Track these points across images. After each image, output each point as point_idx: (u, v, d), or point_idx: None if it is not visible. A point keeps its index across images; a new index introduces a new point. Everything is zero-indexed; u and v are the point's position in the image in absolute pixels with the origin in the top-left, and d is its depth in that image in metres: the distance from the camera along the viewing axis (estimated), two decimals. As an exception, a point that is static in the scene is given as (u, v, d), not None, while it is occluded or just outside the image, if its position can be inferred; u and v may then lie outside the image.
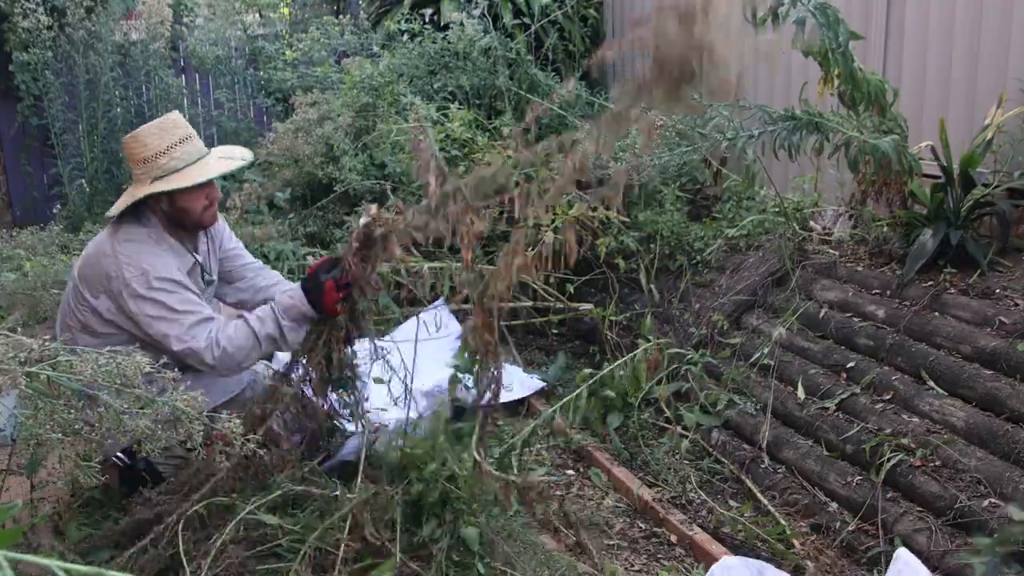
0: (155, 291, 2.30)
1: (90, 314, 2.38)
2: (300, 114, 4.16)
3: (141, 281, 2.30)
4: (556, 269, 2.29)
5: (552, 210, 3.57)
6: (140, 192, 2.37)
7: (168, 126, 2.41)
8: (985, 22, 3.21)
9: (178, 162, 2.39)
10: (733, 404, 2.85)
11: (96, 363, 1.53)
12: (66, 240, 4.11)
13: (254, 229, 3.67)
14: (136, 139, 2.39)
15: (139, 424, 1.56)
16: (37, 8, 4.78)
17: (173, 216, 2.44)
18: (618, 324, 3.43)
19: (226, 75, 5.79)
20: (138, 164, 2.39)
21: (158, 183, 2.36)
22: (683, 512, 2.49)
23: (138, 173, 2.40)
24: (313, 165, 3.93)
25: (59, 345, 1.60)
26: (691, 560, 2.31)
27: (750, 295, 3.26)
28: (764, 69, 4.22)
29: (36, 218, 4.90)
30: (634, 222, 3.69)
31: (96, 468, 1.69)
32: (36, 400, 1.51)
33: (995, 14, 3.17)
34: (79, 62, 5.04)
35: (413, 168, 3.73)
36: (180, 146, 2.40)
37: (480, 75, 4.35)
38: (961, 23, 3.30)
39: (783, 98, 3.98)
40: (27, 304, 3.32)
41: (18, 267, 3.65)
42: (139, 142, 2.38)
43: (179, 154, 2.39)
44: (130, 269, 2.31)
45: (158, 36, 5.33)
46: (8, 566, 0.56)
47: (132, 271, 2.31)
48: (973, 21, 3.25)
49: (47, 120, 5.09)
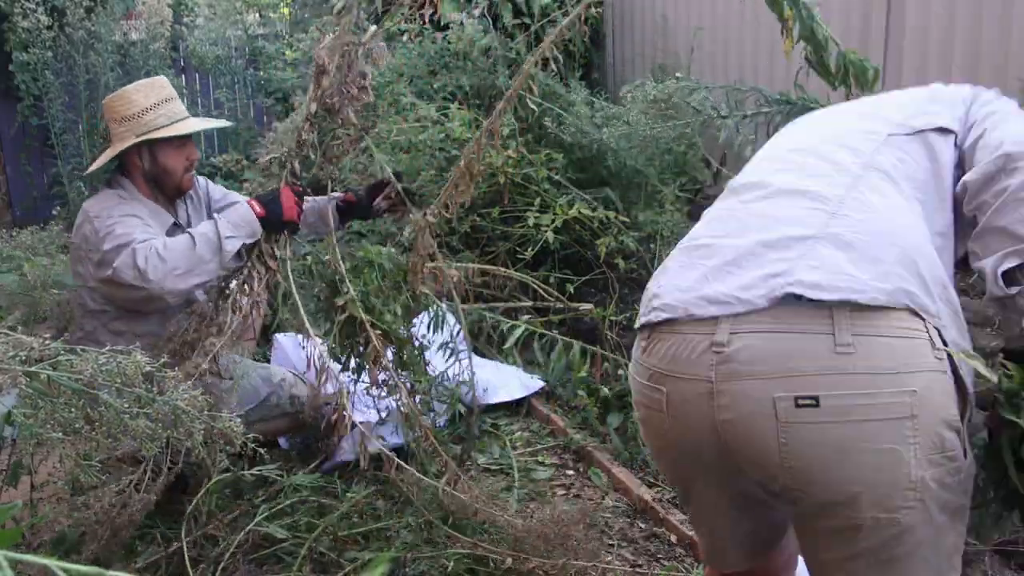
0: (110, 220, 2.28)
1: (83, 290, 2.40)
2: (300, 114, 4.16)
3: (102, 219, 2.29)
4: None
5: (552, 209, 3.58)
6: (121, 147, 2.37)
7: (156, 85, 2.45)
8: (985, 22, 3.21)
9: (163, 119, 2.41)
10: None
11: (96, 363, 1.53)
12: (66, 240, 4.11)
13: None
14: (121, 97, 2.42)
15: (139, 424, 1.56)
16: (37, 8, 4.78)
17: (155, 176, 2.45)
18: (618, 324, 3.43)
19: (226, 75, 5.79)
20: (121, 121, 2.40)
21: (146, 136, 2.38)
22: (683, 512, 2.49)
23: (121, 131, 2.40)
24: (313, 165, 3.93)
25: (59, 345, 1.60)
26: (691, 560, 2.31)
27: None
28: (764, 55, 4.21)
29: (36, 218, 4.90)
30: (634, 222, 3.69)
31: (97, 468, 1.69)
32: (36, 399, 1.51)
33: (994, 14, 3.17)
34: (79, 62, 5.04)
35: (413, 168, 3.74)
36: (165, 104, 2.43)
37: (480, 75, 4.34)
38: (962, 22, 3.30)
39: (783, 84, 3.98)
40: (27, 304, 3.32)
41: (18, 267, 3.65)
42: (124, 99, 2.41)
43: (164, 111, 2.42)
44: (99, 220, 2.31)
45: (158, 36, 5.34)
46: (8, 566, 0.56)
47: (100, 222, 2.31)
48: (974, 19, 3.25)
49: (47, 120, 5.09)
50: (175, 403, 1.54)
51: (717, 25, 4.55)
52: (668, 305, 1.23)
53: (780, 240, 1.19)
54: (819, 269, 1.14)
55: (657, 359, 1.24)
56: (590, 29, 5.26)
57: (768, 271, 1.16)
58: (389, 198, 2.62)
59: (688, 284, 1.23)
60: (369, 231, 3.71)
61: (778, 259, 1.17)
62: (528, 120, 4.25)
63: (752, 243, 1.21)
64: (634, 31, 5.29)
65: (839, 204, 1.21)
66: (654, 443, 1.35)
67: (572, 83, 4.54)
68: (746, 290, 1.16)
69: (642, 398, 1.30)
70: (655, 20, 5.05)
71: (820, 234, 1.18)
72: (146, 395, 1.55)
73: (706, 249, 1.26)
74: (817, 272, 1.13)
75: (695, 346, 1.18)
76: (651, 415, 1.28)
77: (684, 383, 1.20)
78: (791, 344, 1.12)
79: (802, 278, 1.13)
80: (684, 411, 1.21)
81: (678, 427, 1.23)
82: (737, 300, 1.16)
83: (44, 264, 3.62)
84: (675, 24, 4.89)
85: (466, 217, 3.71)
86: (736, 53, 4.44)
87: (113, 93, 2.49)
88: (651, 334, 1.26)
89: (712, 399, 1.16)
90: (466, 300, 3.54)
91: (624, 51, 5.43)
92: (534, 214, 3.55)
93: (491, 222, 3.72)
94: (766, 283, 1.15)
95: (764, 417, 1.12)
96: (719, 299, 1.17)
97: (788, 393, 1.11)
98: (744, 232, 1.24)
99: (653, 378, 1.25)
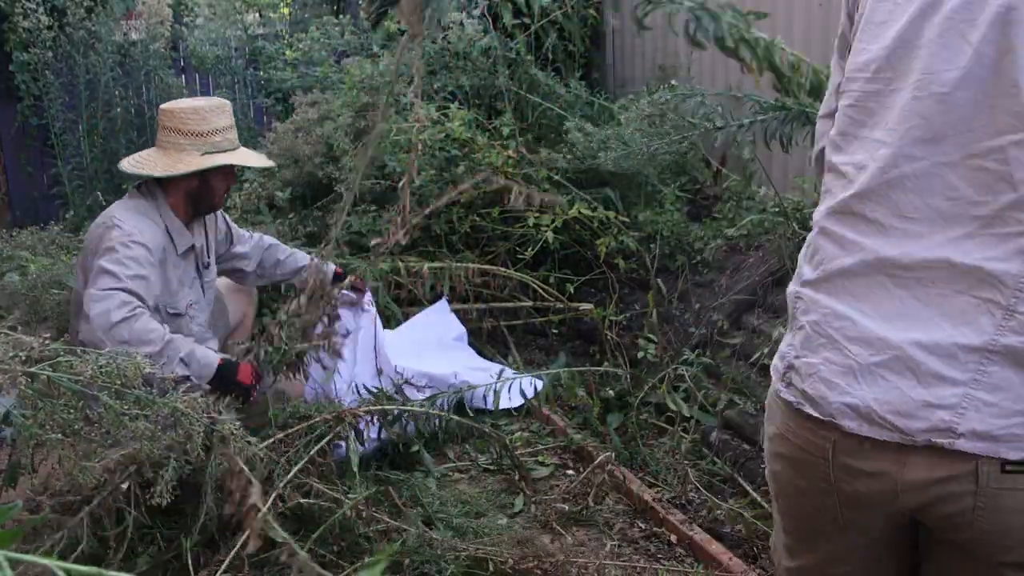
0: (125, 248, 2.30)
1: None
2: (300, 114, 4.16)
3: (121, 239, 2.32)
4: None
5: (552, 209, 3.58)
6: (205, 162, 2.47)
7: (226, 109, 2.58)
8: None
9: (228, 144, 2.55)
10: (733, 404, 2.85)
11: (96, 363, 1.53)
12: (66, 240, 4.11)
13: (254, 229, 3.67)
14: (196, 112, 2.50)
15: (138, 426, 1.56)
16: (37, 8, 4.79)
17: (199, 194, 2.54)
18: (618, 324, 3.43)
19: (226, 75, 5.79)
20: (188, 135, 2.48)
21: (218, 156, 2.49)
22: (683, 512, 2.49)
23: (183, 143, 2.49)
24: (313, 165, 3.93)
25: (59, 345, 1.60)
26: (691, 560, 2.31)
27: (750, 295, 3.26)
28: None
29: (36, 218, 4.90)
30: (634, 222, 3.69)
31: (97, 469, 1.69)
32: (36, 400, 1.51)
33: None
34: (79, 62, 5.04)
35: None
36: (232, 130, 2.59)
37: (480, 75, 4.34)
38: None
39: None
40: (27, 304, 3.32)
41: (18, 267, 3.65)
42: (199, 115, 2.50)
43: (230, 136, 2.57)
44: (119, 230, 2.34)
45: (158, 36, 5.33)
46: (8, 566, 0.55)
47: (119, 232, 2.34)
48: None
49: (47, 120, 5.08)
50: (174, 404, 1.54)
51: (717, 25, 4.55)
52: None
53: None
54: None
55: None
56: (590, 29, 5.27)
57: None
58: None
59: None
60: (369, 231, 3.71)
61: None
62: (528, 120, 4.25)
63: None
64: (634, 31, 5.29)
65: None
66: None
67: (572, 83, 4.54)
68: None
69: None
70: (655, 20, 5.05)
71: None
72: (146, 397, 1.55)
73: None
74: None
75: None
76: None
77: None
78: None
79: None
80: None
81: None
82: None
83: (45, 264, 3.61)
84: (675, 24, 4.89)
85: (466, 217, 3.71)
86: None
87: (182, 103, 2.57)
88: None
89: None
90: (466, 300, 3.55)
91: (624, 51, 5.43)
92: (534, 214, 3.55)
93: (491, 222, 3.72)
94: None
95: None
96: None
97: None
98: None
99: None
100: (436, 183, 3.74)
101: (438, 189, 3.74)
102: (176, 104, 2.56)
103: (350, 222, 3.76)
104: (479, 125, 3.98)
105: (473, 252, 3.75)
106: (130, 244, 2.32)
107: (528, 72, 4.33)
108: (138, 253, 2.32)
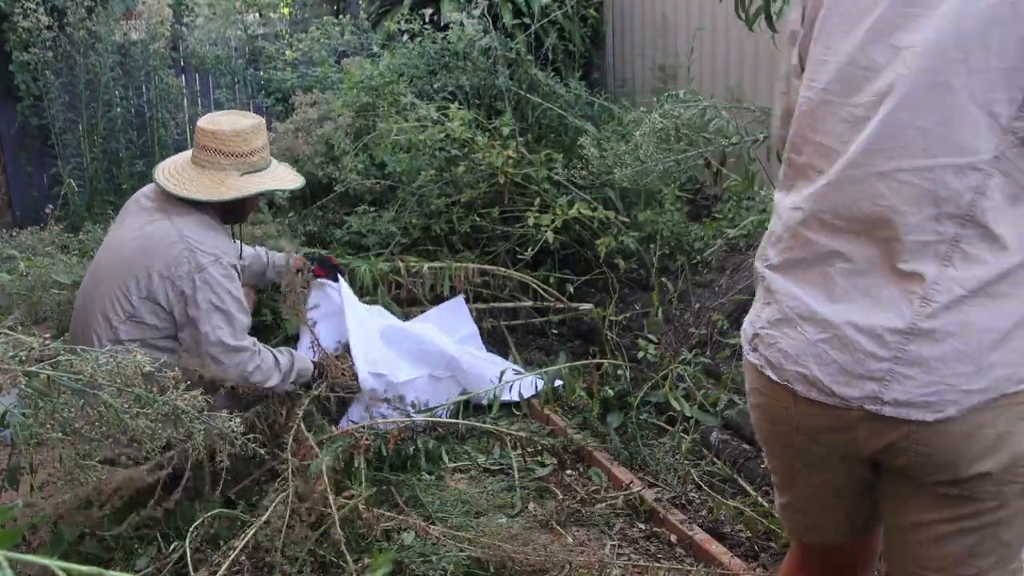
0: (229, 280, 2.41)
1: (141, 302, 2.38)
2: (300, 114, 4.16)
3: (217, 267, 2.39)
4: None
5: (552, 209, 3.58)
6: (248, 187, 2.53)
7: (262, 127, 2.62)
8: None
9: (263, 161, 2.60)
10: (733, 404, 2.85)
11: (96, 362, 1.53)
12: (66, 240, 4.11)
13: (254, 228, 3.67)
14: (239, 135, 2.52)
15: (139, 424, 1.56)
16: (37, 8, 4.78)
17: (234, 208, 2.59)
18: (618, 324, 3.43)
19: (226, 75, 5.79)
20: (230, 156, 2.51)
21: (256, 179, 2.54)
22: (683, 512, 2.49)
23: (224, 163, 2.51)
24: (313, 165, 3.93)
25: (59, 345, 1.60)
26: (691, 560, 2.31)
27: (750, 295, 3.25)
28: (764, 54, 4.20)
29: (36, 218, 4.89)
30: (634, 222, 3.69)
31: (98, 469, 1.69)
32: (36, 399, 1.51)
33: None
34: (79, 62, 5.03)
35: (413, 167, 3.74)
36: (267, 148, 2.64)
37: (480, 75, 4.34)
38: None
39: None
40: (26, 304, 3.32)
41: (17, 268, 3.64)
42: (242, 137, 2.53)
43: (266, 154, 2.62)
44: (203, 254, 2.39)
45: (158, 36, 5.33)
46: (8, 566, 0.56)
47: (205, 257, 2.39)
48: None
49: (47, 120, 5.08)
50: (175, 403, 1.54)
51: (717, 25, 4.54)
52: None
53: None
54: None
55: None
56: (590, 29, 5.27)
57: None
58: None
59: None
60: (369, 231, 3.71)
61: None
62: (528, 120, 4.25)
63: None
64: (634, 31, 5.29)
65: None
66: None
67: (572, 83, 4.54)
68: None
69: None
70: (655, 20, 5.05)
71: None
72: (146, 395, 1.55)
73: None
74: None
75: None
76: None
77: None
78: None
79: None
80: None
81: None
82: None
83: (44, 264, 3.61)
84: (675, 24, 4.89)
85: (466, 217, 3.71)
86: (736, 52, 4.44)
87: (223, 124, 2.55)
88: None
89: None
90: (467, 300, 3.55)
91: (624, 51, 5.43)
92: (534, 214, 3.55)
93: (491, 222, 3.72)
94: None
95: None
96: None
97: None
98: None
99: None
100: (436, 183, 3.74)
101: (438, 189, 3.75)
102: (219, 125, 2.54)
103: (350, 222, 3.77)
104: (479, 125, 3.98)
105: (473, 252, 3.75)
106: (231, 274, 2.43)
107: (528, 72, 4.33)
108: (235, 276, 2.45)
